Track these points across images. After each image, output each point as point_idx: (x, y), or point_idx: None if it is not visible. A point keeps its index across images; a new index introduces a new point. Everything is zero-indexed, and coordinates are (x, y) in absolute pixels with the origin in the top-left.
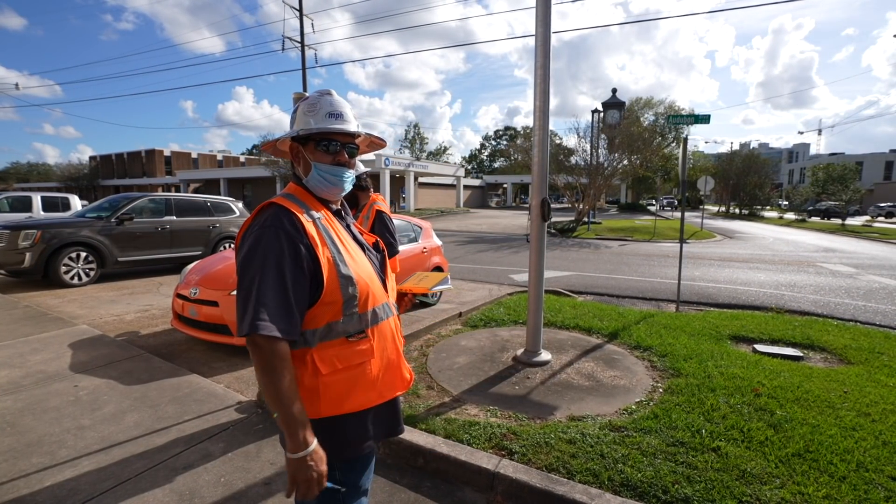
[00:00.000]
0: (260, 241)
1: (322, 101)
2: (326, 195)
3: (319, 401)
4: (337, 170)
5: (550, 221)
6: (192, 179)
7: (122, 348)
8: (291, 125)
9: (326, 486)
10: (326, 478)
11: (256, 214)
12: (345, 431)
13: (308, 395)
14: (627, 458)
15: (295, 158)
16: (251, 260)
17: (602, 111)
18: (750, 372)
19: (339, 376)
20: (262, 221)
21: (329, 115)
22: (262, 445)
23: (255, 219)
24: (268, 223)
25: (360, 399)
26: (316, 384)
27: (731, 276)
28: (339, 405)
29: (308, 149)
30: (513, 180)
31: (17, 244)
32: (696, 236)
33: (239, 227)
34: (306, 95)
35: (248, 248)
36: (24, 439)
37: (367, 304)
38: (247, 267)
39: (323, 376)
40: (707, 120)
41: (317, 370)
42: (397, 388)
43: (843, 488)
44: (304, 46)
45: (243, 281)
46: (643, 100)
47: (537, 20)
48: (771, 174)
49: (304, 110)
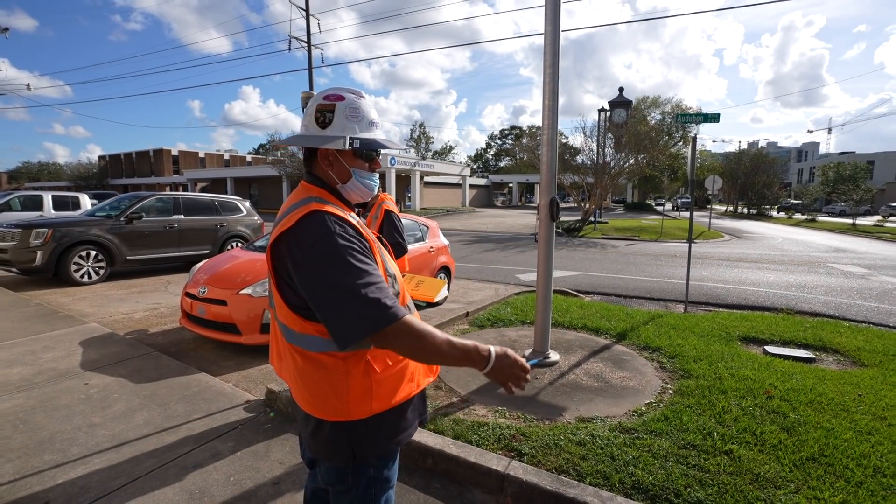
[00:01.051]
0: (340, 246)
1: (363, 106)
2: (356, 199)
3: (372, 399)
4: (374, 176)
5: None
6: (200, 179)
7: (131, 346)
8: (322, 125)
9: (531, 364)
10: (521, 358)
11: (307, 223)
12: (390, 425)
13: (362, 395)
14: (638, 460)
15: (325, 161)
16: (333, 265)
17: (609, 110)
18: (761, 374)
19: (390, 372)
20: (325, 228)
21: (371, 124)
22: (271, 445)
23: (311, 228)
24: (334, 229)
25: (404, 392)
26: (369, 384)
27: (739, 276)
28: (389, 400)
29: (346, 155)
30: (518, 179)
31: (28, 243)
32: (704, 236)
33: (246, 226)
34: (314, 93)
35: (324, 256)
36: (36, 437)
37: (403, 300)
38: (331, 272)
39: (376, 374)
40: (716, 119)
41: (371, 370)
42: (429, 375)
43: (860, 494)
44: (310, 46)
45: (339, 288)
46: (650, 98)
47: (546, 19)
48: (780, 173)
49: (346, 115)
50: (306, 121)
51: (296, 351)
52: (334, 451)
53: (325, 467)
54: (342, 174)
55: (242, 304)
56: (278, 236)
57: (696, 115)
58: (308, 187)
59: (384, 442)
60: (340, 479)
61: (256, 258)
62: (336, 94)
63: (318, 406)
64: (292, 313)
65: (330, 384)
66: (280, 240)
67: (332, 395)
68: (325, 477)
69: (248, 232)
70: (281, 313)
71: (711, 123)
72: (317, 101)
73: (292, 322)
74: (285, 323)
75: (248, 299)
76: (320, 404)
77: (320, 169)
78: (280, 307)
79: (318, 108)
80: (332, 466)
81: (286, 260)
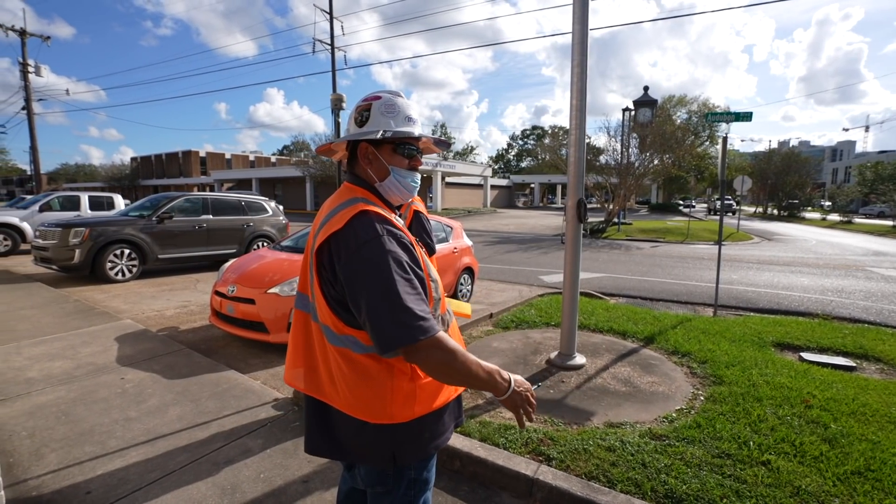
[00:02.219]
0: (390, 251)
1: (399, 103)
2: (396, 199)
3: (415, 403)
4: (414, 175)
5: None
6: (226, 179)
7: (163, 343)
8: (360, 124)
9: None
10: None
11: (356, 224)
12: (429, 429)
13: (406, 399)
14: (671, 468)
15: (365, 159)
16: (379, 271)
17: (633, 109)
18: (798, 382)
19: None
20: (373, 231)
21: (408, 119)
22: (299, 443)
23: (360, 229)
24: (383, 232)
25: (444, 396)
26: (413, 388)
27: (771, 279)
28: (430, 404)
29: (384, 151)
30: (540, 180)
31: (67, 241)
32: (733, 238)
33: (272, 225)
34: (344, 97)
35: (370, 261)
36: (77, 428)
37: (443, 305)
38: (375, 278)
39: (420, 379)
40: (749, 117)
41: (416, 375)
42: None
43: None
44: (333, 48)
45: (380, 294)
46: (676, 97)
47: (574, 18)
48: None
49: (381, 111)
50: (348, 124)
51: (339, 353)
52: (375, 454)
53: (364, 469)
54: (381, 171)
55: (270, 302)
56: (328, 237)
57: (726, 113)
58: (351, 188)
59: (424, 446)
60: (381, 481)
61: (283, 258)
62: (374, 95)
63: (361, 408)
64: (334, 315)
65: (373, 387)
66: (328, 241)
67: (375, 398)
68: (364, 479)
69: (273, 232)
70: (322, 314)
71: (742, 122)
72: (357, 104)
73: (333, 324)
74: (326, 324)
75: (276, 298)
76: (363, 406)
77: (360, 167)
78: (322, 308)
79: (356, 110)
80: (372, 469)
81: (332, 261)
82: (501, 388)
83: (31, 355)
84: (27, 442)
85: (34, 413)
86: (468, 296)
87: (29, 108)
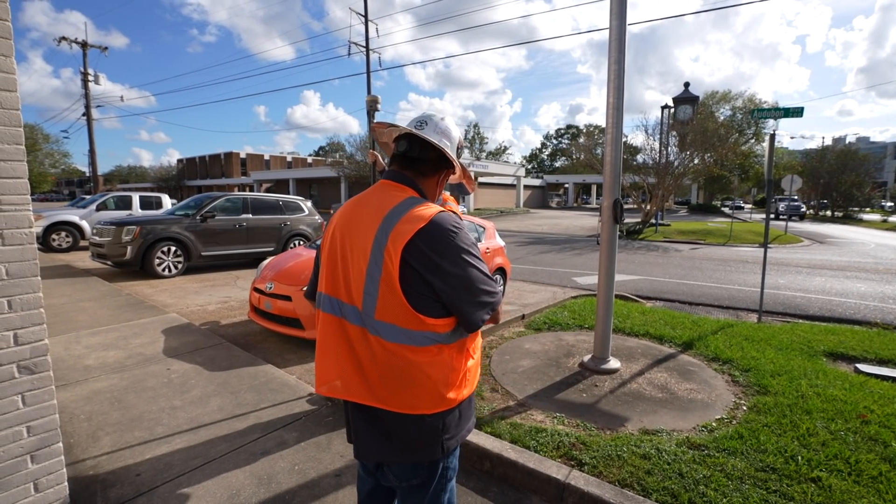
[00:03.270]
0: (467, 241)
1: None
2: None
3: (465, 384)
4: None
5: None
6: (265, 180)
7: (205, 336)
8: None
9: None
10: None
11: (442, 220)
12: (465, 414)
13: (462, 381)
14: (710, 480)
15: (442, 178)
16: (472, 257)
17: (672, 107)
18: (853, 395)
19: (476, 360)
20: (457, 225)
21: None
22: (333, 437)
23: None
24: (461, 226)
25: (477, 380)
26: (466, 369)
27: (823, 285)
28: (472, 386)
29: (446, 175)
30: (574, 180)
31: (120, 238)
32: (780, 240)
33: (308, 224)
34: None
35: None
36: (128, 414)
37: None
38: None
39: (472, 360)
40: (799, 113)
41: (469, 356)
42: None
43: None
44: (368, 51)
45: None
46: (719, 93)
47: (611, 13)
48: (872, 171)
49: (461, 142)
50: (445, 139)
51: (405, 349)
52: (429, 447)
53: (397, 466)
54: (435, 195)
55: (306, 300)
56: (415, 234)
57: (774, 109)
58: (401, 187)
59: (461, 431)
60: (416, 473)
61: None
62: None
63: (420, 402)
64: (413, 311)
65: (437, 373)
66: (416, 237)
67: (438, 386)
68: (398, 475)
69: (309, 231)
70: (391, 313)
71: (793, 118)
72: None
73: (409, 321)
74: (394, 322)
75: None
76: (424, 400)
77: (429, 180)
78: (393, 307)
79: (459, 144)
80: (405, 465)
81: (425, 256)
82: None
83: (88, 344)
84: (85, 425)
85: (91, 398)
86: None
87: (88, 115)
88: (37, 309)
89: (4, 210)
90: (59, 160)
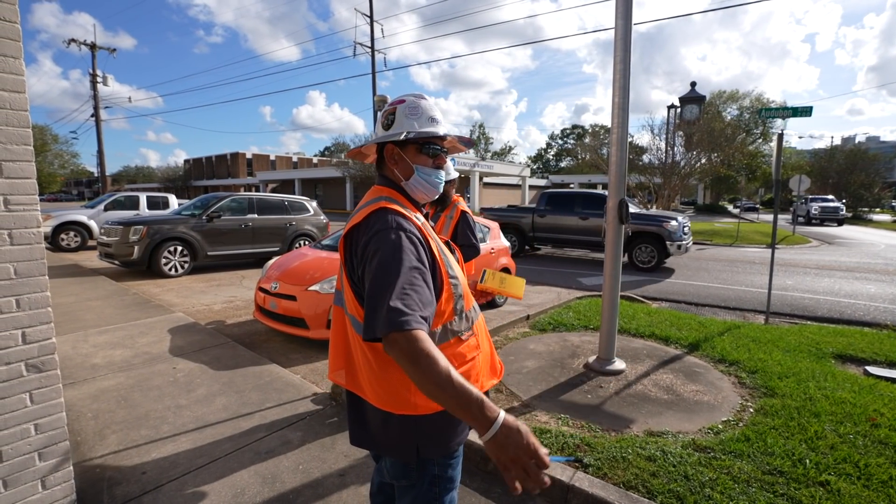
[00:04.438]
0: (392, 243)
1: (422, 105)
2: (422, 197)
3: None
4: (438, 173)
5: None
6: (270, 180)
7: (211, 336)
8: (386, 128)
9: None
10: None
11: (372, 217)
12: (452, 423)
13: None
14: (716, 482)
15: (391, 160)
16: (384, 258)
17: (679, 106)
18: (863, 398)
19: (465, 371)
20: (385, 223)
21: (431, 120)
22: (337, 438)
23: (373, 221)
24: (392, 225)
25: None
26: None
27: (831, 286)
28: None
29: (409, 151)
30: (580, 180)
31: (128, 238)
32: (788, 241)
33: (313, 225)
34: (387, 98)
35: (378, 250)
36: (134, 413)
37: (468, 302)
38: (386, 269)
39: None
40: (808, 112)
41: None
42: (493, 377)
43: None
44: (373, 51)
45: (381, 281)
46: (726, 93)
47: (617, 13)
48: (882, 171)
49: (405, 113)
50: (374, 128)
51: (365, 343)
52: (400, 446)
53: (389, 462)
54: (406, 171)
55: (310, 299)
56: (349, 230)
57: (782, 108)
58: (379, 189)
59: (447, 440)
60: (405, 474)
61: (324, 256)
62: (399, 99)
63: (387, 399)
64: (358, 305)
65: (400, 375)
66: (350, 233)
67: (400, 387)
68: (389, 472)
69: (314, 231)
70: (350, 305)
71: (801, 118)
72: (384, 108)
73: (359, 314)
74: (353, 315)
75: (316, 295)
76: (388, 397)
77: (388, 168)
78: (350, 300)
79: (383, 114)
80: (397, 462)
81: (352, 252)
82: (480, 422)
83: (95, 343)
84: (92, 423)
85: (98, 396)
86: (505, 299)
87: (97, 116)
88: (44, 308)
89: (13, 210)
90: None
